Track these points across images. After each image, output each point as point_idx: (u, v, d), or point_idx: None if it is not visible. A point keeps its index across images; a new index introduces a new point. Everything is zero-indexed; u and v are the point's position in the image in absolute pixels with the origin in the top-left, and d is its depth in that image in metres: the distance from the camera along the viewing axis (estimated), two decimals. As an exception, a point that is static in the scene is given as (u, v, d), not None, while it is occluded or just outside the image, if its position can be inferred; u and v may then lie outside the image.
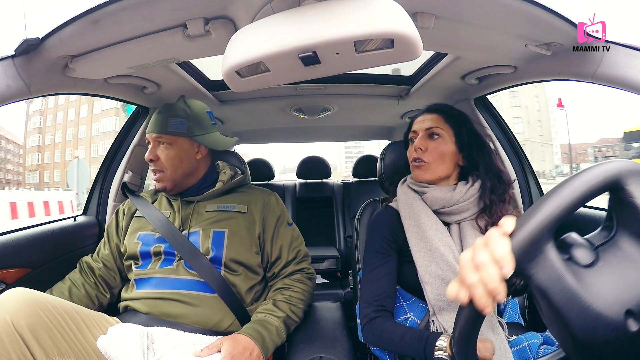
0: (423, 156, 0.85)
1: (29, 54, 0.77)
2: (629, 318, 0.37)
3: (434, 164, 0.85)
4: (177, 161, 0.97)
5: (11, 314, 0.61)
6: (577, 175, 0.42)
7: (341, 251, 2.15)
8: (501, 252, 0.39)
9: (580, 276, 0.40)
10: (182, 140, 0.98)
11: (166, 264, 0.92)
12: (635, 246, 0.41)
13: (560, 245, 0.43)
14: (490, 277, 0.38)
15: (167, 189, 0.99)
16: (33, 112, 38.43)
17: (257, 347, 0.77)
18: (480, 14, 0.75)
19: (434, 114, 0.88)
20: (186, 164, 0.99)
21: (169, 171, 0.97)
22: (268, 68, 0.62)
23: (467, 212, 0.83)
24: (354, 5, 0.55)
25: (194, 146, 1.00)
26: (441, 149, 0.85)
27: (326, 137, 2.61)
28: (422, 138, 0.87)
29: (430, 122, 0.87)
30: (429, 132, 0.86)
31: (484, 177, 0.84)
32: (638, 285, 0.39)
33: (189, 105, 1.01)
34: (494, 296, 0.38)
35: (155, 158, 0.97)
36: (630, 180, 0.41)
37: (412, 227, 0.83)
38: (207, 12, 0.72)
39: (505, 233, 0.40)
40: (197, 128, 0.99)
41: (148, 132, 0.99)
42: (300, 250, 1.02)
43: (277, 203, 1.05)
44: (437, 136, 0.86)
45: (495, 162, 0.86)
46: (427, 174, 0.85)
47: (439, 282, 0.76)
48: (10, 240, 0.96)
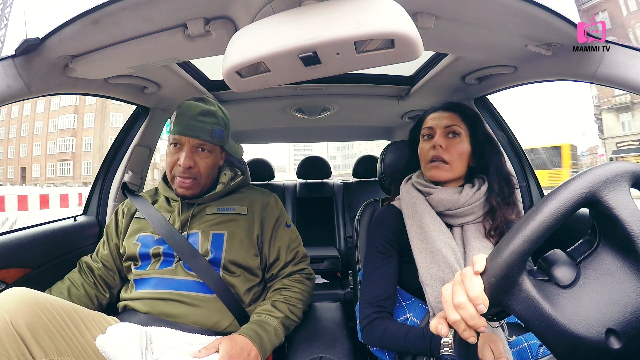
0: (443, 154, 0.82)
1: (29, 54, 0.77)
2: (610, 336, 0.38)
3: (454, 163, 0.82)
4: (212, 169, 0.97)
5: (10, 314, 0.61)
6: (545, 202, 0.42)
7: (341, 251, 2.15)
8: (475, 292, 0.42)
9: (558, 301, 0.41)
10: (218, 149, 0.99)
11: (165, 265, 0.91)
12: (616, 259, 0.42)
13: (541, 265, 0.45)
14: (469, 315, 0.43)
15: (194, 195, 0.97)
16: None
17: (254, 347, 0.77)
18: (481, 14, 0.75)
19: (451, 112, 0.86)
20: (215, 171, 1.00)
21: (202, 178, 0.95)
22: (268, 68, 0.62)
23: (472, 215, 0.82)
24: (354, 5, 0.55)
25: (222, 154, 1.02)
26: (460, 148, 0.83)
27: (326, 137, 2.61)
28: (442, 136, 0.84)
29: (449, 120, 0.85)
30: (449, 130, 0.84)
31: (493, 179, 0.82)
32: (618, 302, 0.39)
33: (223, 112, 1.00)
34: (475, 329, 0.43)
35: (193, 165, 0.93)
36: (605, 192, 0.41)
37: (415, 228, 0.82)
38: (207, 12, 0.72)
39: (477, 272, 0.43)
40: (228, 136, 1.00)
41: (185, 135, 0.92)
42: (298, 251, 1.02)
43: (276, 204, 1.05)
44: (456, 135, 0.84)
45: (504, 165, 0.86)
46: (446, 174, 0.83)
47: (440, 284, 0.76)
48: (10, 240, 0.96)
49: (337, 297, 1.75)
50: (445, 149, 0.83)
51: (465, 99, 1.39)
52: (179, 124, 0.92)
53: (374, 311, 0.79)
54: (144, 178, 1.48)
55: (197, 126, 0.91)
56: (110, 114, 26.86)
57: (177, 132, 0.92)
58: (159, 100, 1.31)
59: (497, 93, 1.29)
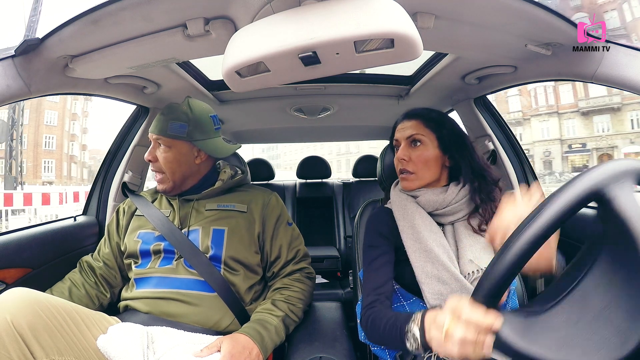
0: (408, 166, 0.84)
1: (29, 54, 0.77)
2: None
3: (420, 172, 0.84)
4: (175, 164, 0.97)
5: (11, 314, 0.61)
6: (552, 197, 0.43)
7: (341, 251, 2.15)
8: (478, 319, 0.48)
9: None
10: (180, 143, 0.96)
11: (165, 262, 0.92)
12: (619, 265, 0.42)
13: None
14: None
15: (167, 191, 0.99)
16: None
17: (256, 346, 0.78)
18: (480, 14, 0.75)
19: (413, 120, 0.87)
20: (185, 168, 0.98)
21: (168, 173, 0.97)
22: (268, 68, 0.63)
23: (460, 212, 0.83)
24: (354, 5, 0.55)
25: (193, 150, 0.98)
26: (424, 155, 0.83)
27: (326, 137, 2.61)
28: (405, 148, 0.85)
29: (411, 129, 0.86)
30: (410, 139, 0.85)
31: (469, 178, 0.83)
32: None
33: (191, 108, 0.99)
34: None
35: (153, 159, 0.98)
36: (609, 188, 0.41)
37: (407, 229, 0.83)
38: (207, 12, 0.72)
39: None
40: (198, 133, 0.97)
41: (149, 132, 0.99)
42: (299, 250, 1.02)
43: (277, 203, 1.05)
44: (419, 143, 0.84)
45: (478, 161, 0.85)
46: (414, 183, 0.85)
47: (436, 282, 0.77)
48: (10, 240, 0.96)
49: (337, 297, 1.75)
50: (410, 160, 0.84)
51: (465, 99, 1.39)
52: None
53: (372, 300, 0.79)
54: (144, 178, 1.48)
55: (156, 122, 0.98)
56: (45, 112, 25.33)
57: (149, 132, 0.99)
58: (159, 100, 1.31)
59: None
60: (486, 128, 1.40)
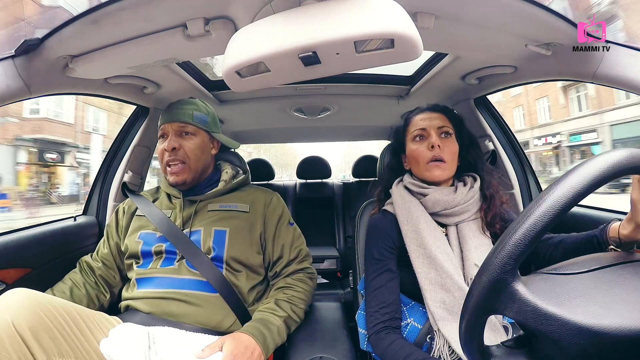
0: (442, 154, 0.84)
1: (29, 54, 0.77)
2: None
3: (450, 162, 0.84)
4: (199, 152, 0.98)
5: (12, 315, 0.61)
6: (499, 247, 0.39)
7: (341, 251, 2.15)
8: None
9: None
10: (203, 133, 1.01)
11: (167, 263, 0.91)
12: None
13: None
14: None
15: (186, 182, 0.97)
16: None
17: (258, 346, 0.77)
18: (480, 14, 0.75)
19: (440, 114, 0.88)
20: (206, 157, 1.01)
21: (191, 161, 0.96)
22: (268, 68, 0.63)
23: (467, 213, 0.83)
24: (354, 5, 0.55)
25: (211, 141, 1.04)
26: (454, 148, 0.86)
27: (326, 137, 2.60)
28: (437, 137, 0.85)
29: (440, 120, 0.87)
30: (442, 130, 0.86)
31: (483, 173, 0.87)
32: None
33: (207, 105, 1.06)
34: None
35: (177, 147, 0.95)
36: None
37: (411, 234, 0.82)
38: (207, 12, 0.72)
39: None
40: (214, 125, 1.04)
41: (168, 122, 0.96)
42: (301, 249, 1.02)
43: (279, 203, 1.05)
44: (449, 135, 0.86)
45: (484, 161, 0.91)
46: (446, 172, 0.84)
47: (439, 289, 0.76)
48: (10, 240, 0.96)
49: (337, 297, 1.76)
50: (442, 149, 0.84)
51: (465, 99, 1.39)
52: (162, 117, 1.00)
53: (380, 320, 0.78)
54: (144, 178, 1.48)
55: (178, 112, 0.98)
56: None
57: (161, 123, 0.99)
58: (159, 100, 1.31)
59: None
60: (486, 128, 1.40)
